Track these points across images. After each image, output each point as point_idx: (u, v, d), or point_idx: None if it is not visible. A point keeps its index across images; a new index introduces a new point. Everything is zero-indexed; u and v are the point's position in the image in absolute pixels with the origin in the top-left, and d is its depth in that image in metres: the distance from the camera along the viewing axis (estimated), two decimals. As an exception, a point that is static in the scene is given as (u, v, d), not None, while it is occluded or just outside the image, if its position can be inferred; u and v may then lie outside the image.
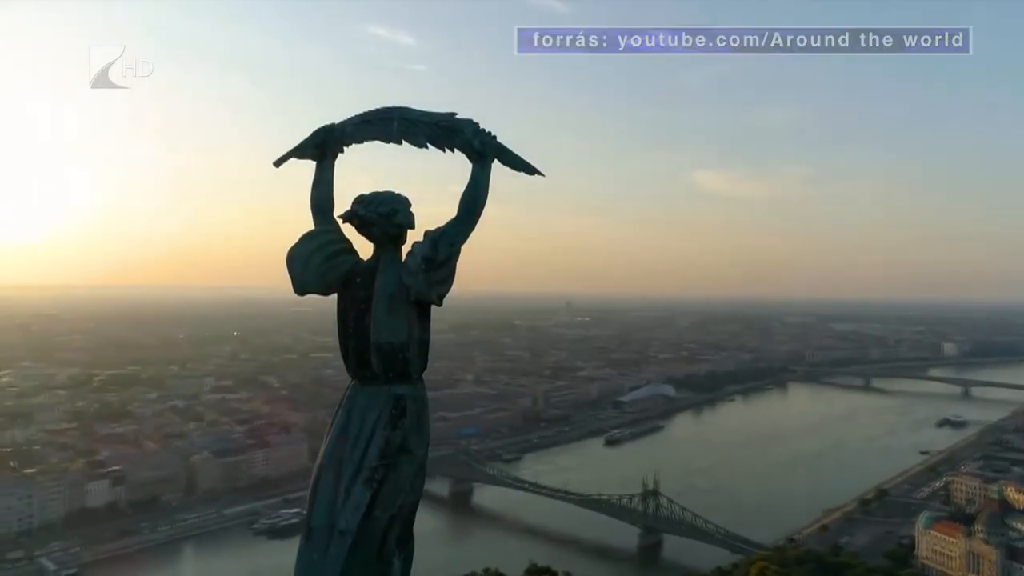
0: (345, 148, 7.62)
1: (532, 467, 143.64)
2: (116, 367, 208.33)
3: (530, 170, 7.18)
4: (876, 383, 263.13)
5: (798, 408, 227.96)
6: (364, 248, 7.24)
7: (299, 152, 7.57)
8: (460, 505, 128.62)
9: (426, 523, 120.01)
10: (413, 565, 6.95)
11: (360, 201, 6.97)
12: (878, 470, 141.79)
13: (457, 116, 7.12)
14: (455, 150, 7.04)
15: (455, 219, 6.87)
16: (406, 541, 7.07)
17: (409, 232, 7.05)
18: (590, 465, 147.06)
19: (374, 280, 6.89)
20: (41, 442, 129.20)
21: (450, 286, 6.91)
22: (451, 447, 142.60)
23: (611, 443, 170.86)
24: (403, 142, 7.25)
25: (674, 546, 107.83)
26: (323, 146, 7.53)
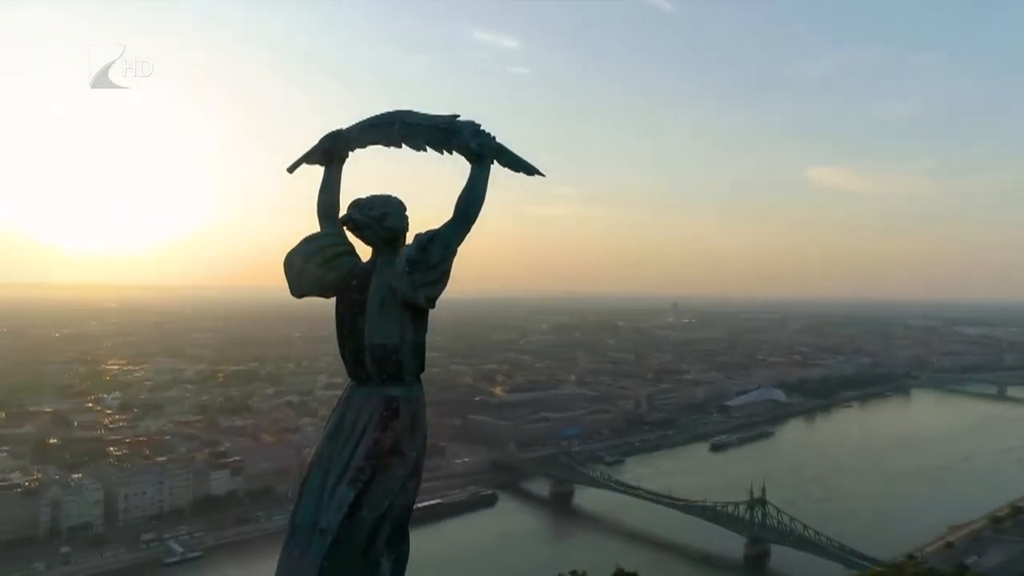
0: (351, 153, 7.71)
1: (634, 470, 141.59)
2: (239, 363, 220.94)
3: (529, 170, 7.09)
4: (1012, 392, 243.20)
5: (922, 416, 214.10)
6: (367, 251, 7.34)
7: (309, 158, 7.69)
8: (560, 506, 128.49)
9: (526, 522, 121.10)
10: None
11: (355, 205, 7.05)
12: (1012, 485, 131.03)
13: (459, 118, 7.07)
14: (453, 152, 7.00)
15: (450, 221, 6.84)
16: (399, 543, 7.09)
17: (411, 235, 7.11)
18: (694, 470, 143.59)
19: (369, 283, 6.96)
20: (171, 432, 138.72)
21: (441, 289, 6.85)
22: (552, 448, 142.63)
23: (717, 448, 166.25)
24: (403, 145, 7.28)
25: (782, 557, 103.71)
26: (330, 151, 7.65)
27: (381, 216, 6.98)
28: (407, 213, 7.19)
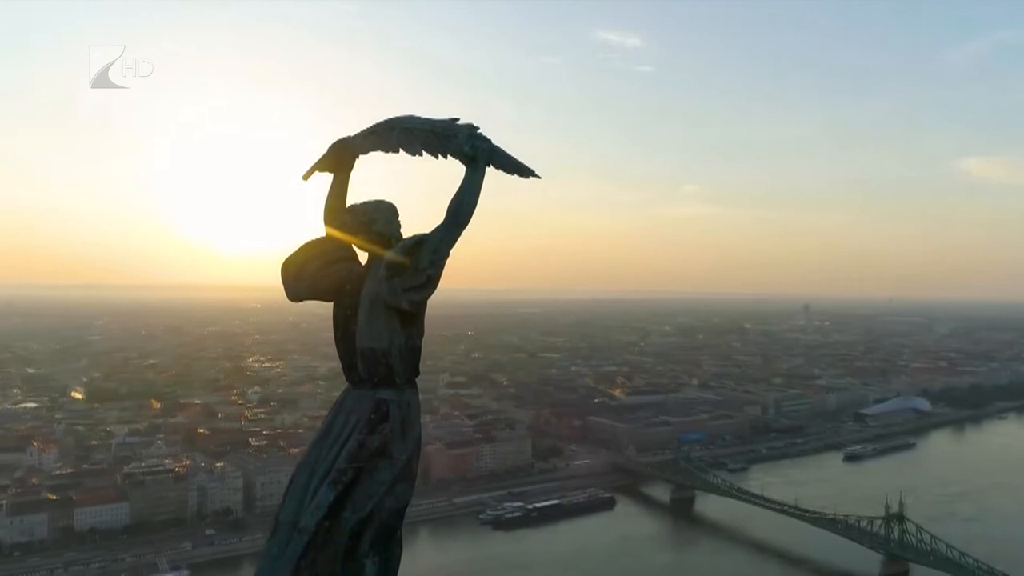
0: (357, 160, 7.69)
1: (760, 479, 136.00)
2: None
3: (524, 173, 6.95)
4: None
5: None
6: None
7: (320, 165, 7.71)
8: (681, 512, 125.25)
9: (646, 527, 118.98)
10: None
11: (348, 211, 7.12)
12: None
13: (458, 121, 7.00)
14: (447, 156, 6.94)
15: (441, 225, 6.80)
16: (387, 545, 7.01)
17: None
18: (825, 481, 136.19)
19: (362, 287, 6.99)
20: (304, 426, 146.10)
21: (428, 293, 6.79)
22: (673, 453, 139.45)
23: (851, 459, 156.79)
24: (400, 151, 7.23)
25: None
26: (337, 158, 7.65)
27: (369, 221, 7.04)
28: (399, 218, 7.20)
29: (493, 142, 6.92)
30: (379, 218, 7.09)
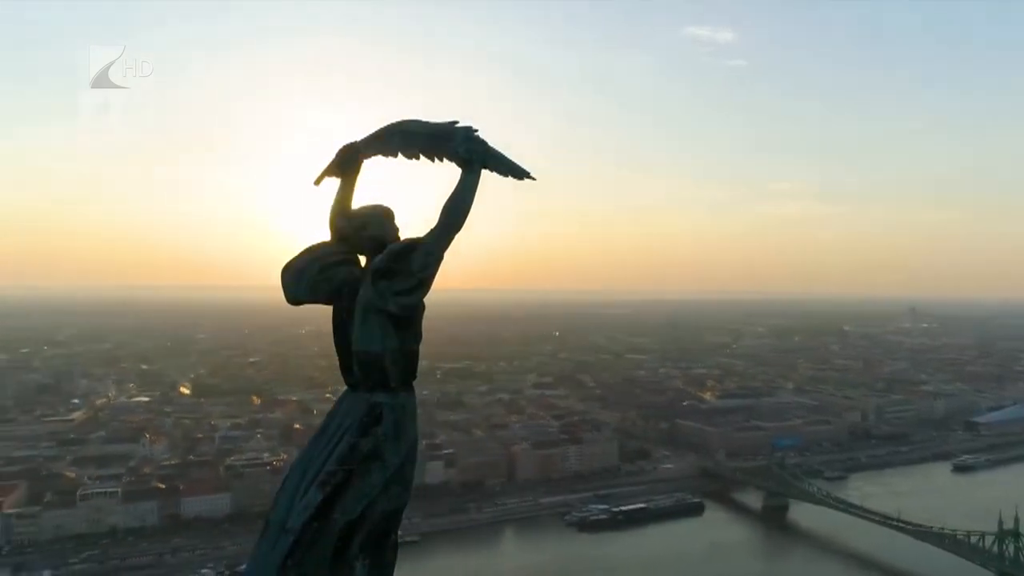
0: (363, 164, 7.72)
1: (859, 488, 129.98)
2: (455, 361, 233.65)
3: (519, 175, 6.92)
4: None
5: None
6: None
7: (329, 170, 7.76)
8: (774, 520, 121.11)
9: (736, 534, 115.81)
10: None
11: (344, 216, 7.15)
12: None
13: (457, 124, 6.98)
14: (444, 159, 6.97)
15: (434, 229, 6.81)
16: (380, 548, 7.03)
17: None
18: (931, 493, 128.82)
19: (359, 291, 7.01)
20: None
21: (419, 297, 6.85)
22: (765, 458, 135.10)
23: (960, 470, 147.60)
24: (399, 155, 7.27)
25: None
26: (343, 163, 7.69)
27: (361, 226, 7.09)
28: (395, 222, 7.21)
29: (489, 144, 6.91)
30: (371, 222, 7.15)
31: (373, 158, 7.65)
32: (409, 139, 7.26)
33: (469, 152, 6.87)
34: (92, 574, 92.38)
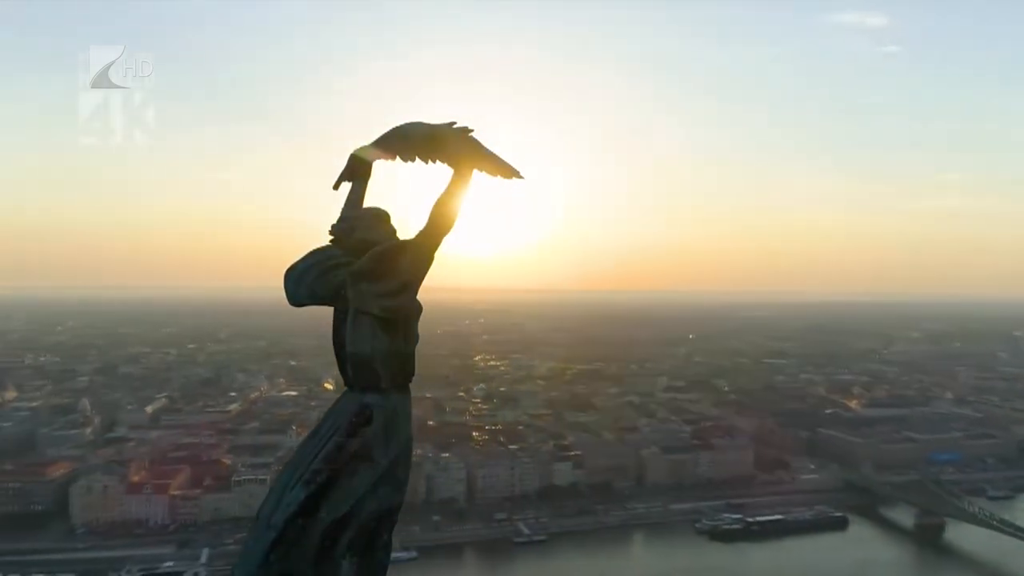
0: (371, 168, 7.79)
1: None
2: (586, 362, 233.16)
3: (508, 175, 6.90)
4: None
5: None
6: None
7: (342, 175, 7.85)
8: (928, 540, 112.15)
9: (885, 552, 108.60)
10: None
11: (339, 219, 7.22)
12: None
13: (455, 125, 6.95)
14: (436, 162, 6.97)
15: (421, 231, 6.82)
16: (369, 548, 6.98)
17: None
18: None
19: None
20: (523, 423, 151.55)
21: (404, 299, 6.85)
22: (919, 473, 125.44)
23: None
24: (397, 159, 7.29)
25: None
26: (352, 168, 7.77)
27: (351, 228, 7.15)
28: (387, 224, 7.24)
29: (482, 145, 6.90)
30: (360, 225, 7.22)
31: (380, 162, 7.76)
32: (407, 142, 7.34)
33: (460, 154, 6.93)
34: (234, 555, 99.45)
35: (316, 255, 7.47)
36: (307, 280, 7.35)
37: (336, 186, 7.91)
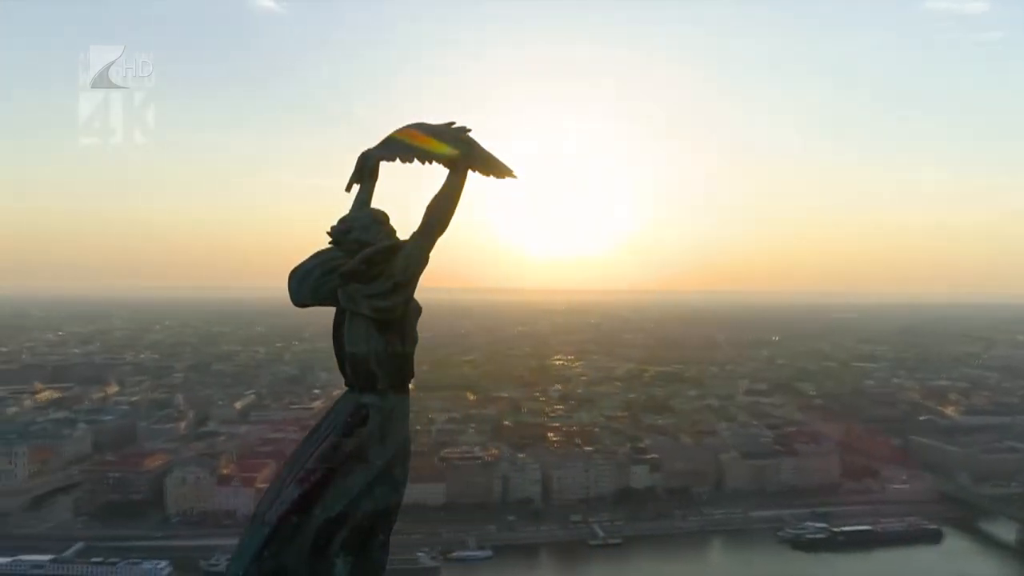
0: (378, 170, 7.80)
1: None
2: (664, 364, 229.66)
3: (500, 174, 6.92)
4: None
5: None
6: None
7: (352, 177, 7.87)
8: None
9: (985, 568, 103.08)
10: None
11: (339, 221, 7.25)
12: None
13: (454, 125, 6.97)
14: (433, 162, 6.98)
15: (417, 232, 6.84)
16: (364, 547, 6.98)
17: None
18: None
19: None
20: (599, 425, 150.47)
21: (398, 300, 6.83)
22: (1022, 485, 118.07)
23: None
24: (397, 160, 7.29)
25: None
26: (360, 169, 7.78)
27: (346, 230, 7.18)
28: (384, 225, 7.27)
29: (475, 145, 6.87)
30: (355, 226, 7.25)
31: (386, 163, 7.78)
32: (406, 143, 7.38)
33: (454, 153, 6.95)
34: None
35: (319, 256, 7.56)
36: (310, 281, 7.43)
37: (348, 188, 8.05)
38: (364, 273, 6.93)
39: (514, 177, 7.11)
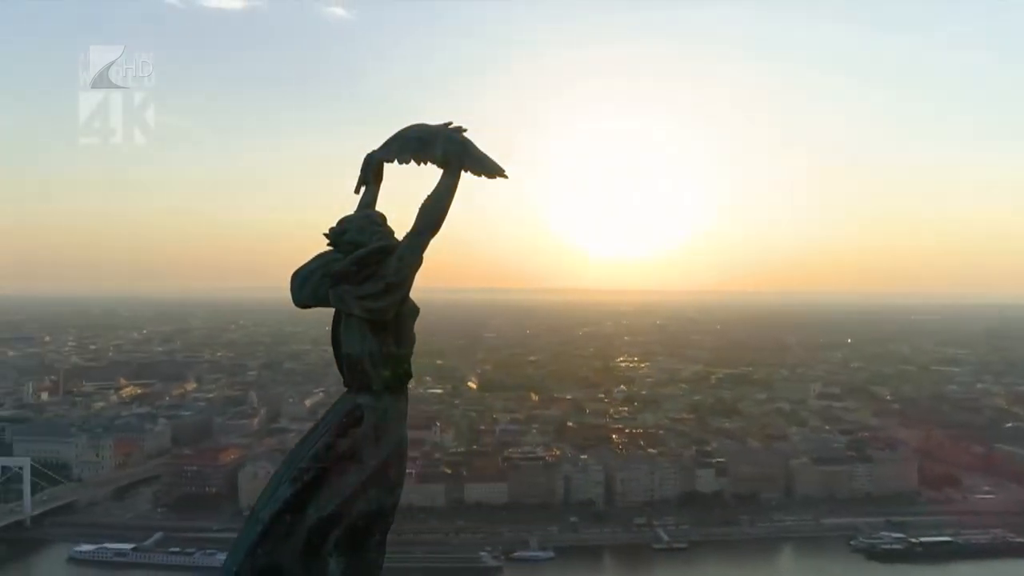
0: (382, 171, 7.84)
1: None
2: (732, 367, 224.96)
3: (491, 172, 6.93)
4: None
5: None
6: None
7: (360, 178, 7.87)
8: None
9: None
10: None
11: (337, 223, 7.25)
12: None
13: (451, 124, 7.00)
14: (427, 163, 7.02)
15: (410, 232, 6.85)
16: (359, 547, 7.00)
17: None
18: None
19: None
20: (664, 428, 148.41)
21: (390, 300, 6.84)
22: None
23: None
24: (395, 161, 7.36)
25: None
26: (365, 171, 7.79)
27: (342, 232, 7.17)
28: (380, 227, 7.26)
29: (469, 144, 6.89)
30: (350, 228, 7.24)
31: (389, 164, 7.85)
32: (403, 144, 7.43)
33: (447, 154, 6.95)
34: (391, 544, 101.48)
35: (321, 258, 7.58)
36: (311, 282, 7.44)
37: (356, 190, 8.11)
38: (355, 274, 6.97)
39: (505, 177, 7.09)
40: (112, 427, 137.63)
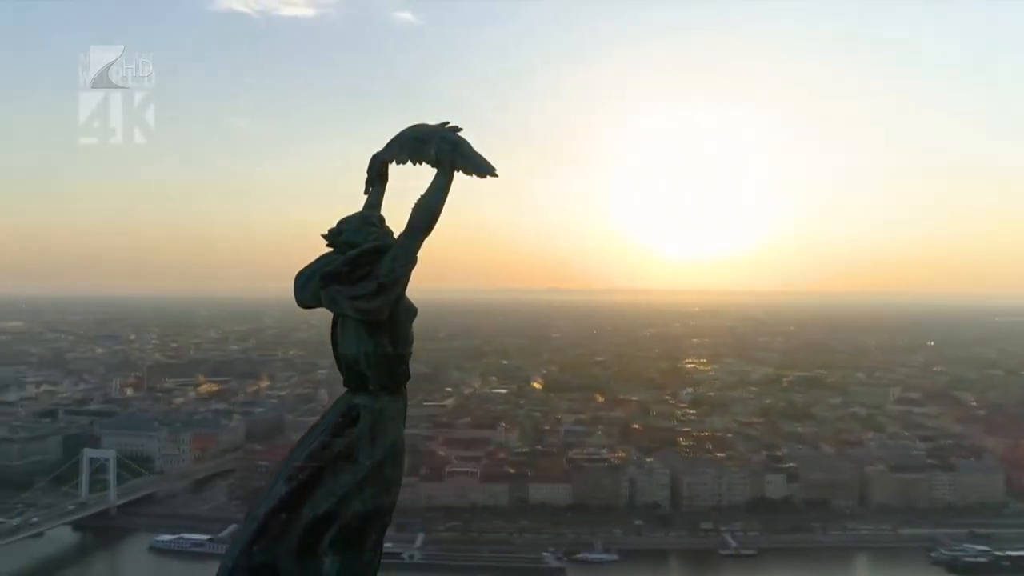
0: (387, 172, 7.93)
1: None
2: (805, 369, 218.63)
3: (481, 172, 6.90)
4: None
5: None
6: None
7: (367, 178, 7.91)
8: None
9: None
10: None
11: (336, 224, 7.32)
12: None
13: (448, 124, 7.03)
14: (422, 163, 7.05)
15: (404, 233, 6.85)
16: (355, 547, 7.03)
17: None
18: None
19: None
20: (733, 431, 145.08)
21: (382, 301, 6.82)
22: None
23: None
24: (395, 162, 7.44)
25: None
26: (371, 172, 7.85)
27: (338, 232, 7.24)
28: (378, 227, 7.33)
29: (461, 144, 6.92)
30: (346, 228, 7.30)
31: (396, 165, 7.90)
32: (403, 144, 7.46)
33: (440, 154, 6.97)
34: (455, 542, 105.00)
35: (323, 259, 7.61)
36: (312, 283, 7.45)
37: (365, 190, 8.18)
38: (347, 275, 6.99)
39: (496, 176, 7.05)
40: (191, 422, 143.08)
